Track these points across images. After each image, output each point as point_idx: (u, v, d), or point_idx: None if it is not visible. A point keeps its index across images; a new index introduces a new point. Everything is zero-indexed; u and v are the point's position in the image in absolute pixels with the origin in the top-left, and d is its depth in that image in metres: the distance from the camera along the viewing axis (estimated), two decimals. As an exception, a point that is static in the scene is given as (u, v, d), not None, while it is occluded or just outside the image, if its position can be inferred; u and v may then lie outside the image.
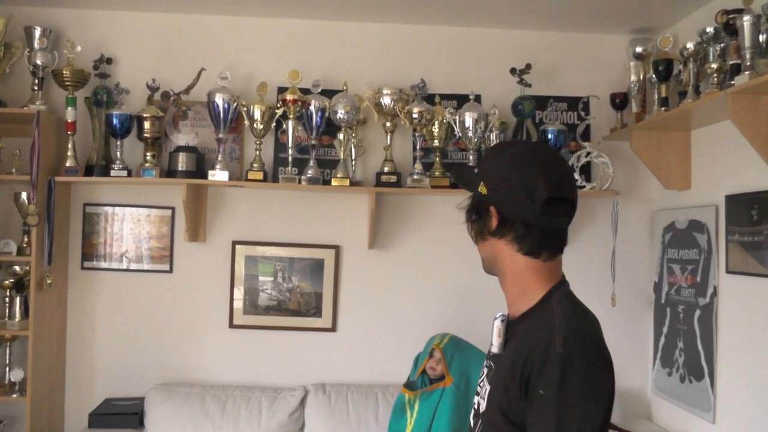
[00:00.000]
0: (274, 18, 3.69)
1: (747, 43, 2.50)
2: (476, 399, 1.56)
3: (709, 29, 2.81)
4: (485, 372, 1.56)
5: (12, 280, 3.37)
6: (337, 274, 3.69)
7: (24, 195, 3.31)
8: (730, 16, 2.65)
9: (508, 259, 1.52)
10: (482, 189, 1.51)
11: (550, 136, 3.49)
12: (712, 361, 3.08)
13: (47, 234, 3.32)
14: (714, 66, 2.75)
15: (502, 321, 1.54)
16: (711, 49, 2.81)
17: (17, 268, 3.40)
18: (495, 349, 1.52)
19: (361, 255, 3.69)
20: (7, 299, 3.39)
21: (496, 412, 1.42)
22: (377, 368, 3.59)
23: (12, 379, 3.31)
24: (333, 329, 3.68)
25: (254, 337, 3.66)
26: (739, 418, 2.91)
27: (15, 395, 3.27)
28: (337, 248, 3.69)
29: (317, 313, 3.67)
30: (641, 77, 3.44)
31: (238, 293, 3.65)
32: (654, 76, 3.22)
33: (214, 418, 3.38)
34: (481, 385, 1.56)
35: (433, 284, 3.69)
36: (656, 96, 3.24)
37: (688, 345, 3.28)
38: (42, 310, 3.33)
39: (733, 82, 2.57)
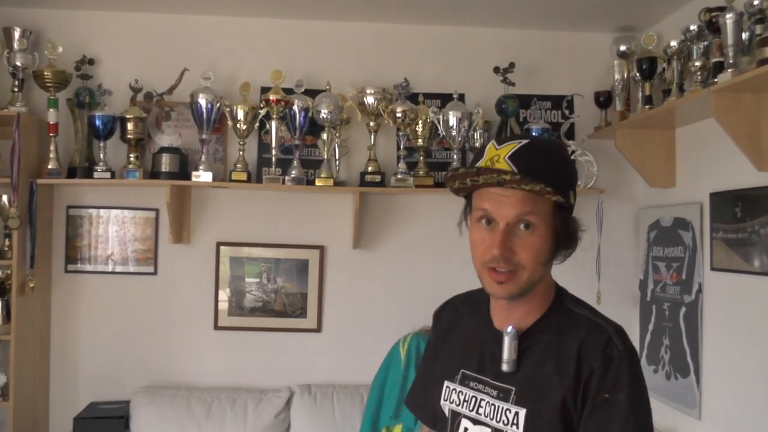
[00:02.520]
0: (256, 18, 3.66)
1: (730, 40, 2.50)
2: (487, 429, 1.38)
3: (693, 27, 2.81)
4: (492, 395, 1.38)
5: (-7, 284, 3.34)
6: (322, 275, 3.68)
7: (5, 198, 3.28)
8: (713, 14, 2.64)
9: (549, 269, 1.41)
10: (572, 199, 1.37)
11: (534, 134, 3.49)
12: (697, 358, 3.08)
13: (29, 237, 3.28)
14: (697, 64, 2.75)
15: (515, 336, 1.37)
16: (694, 47, 2.81)
17: (-1, 271, 3.37)
18: (508, 368, 1.36)
19: (346, 255, 3.68)
20: (-12, 303, 3.36)
21: None
22: (362, 368, 3.57)
23: (-6, 384, 3.28)
24: (318, 330, 3.67)
25: (239, 339, 3.64)
26: (724, 414, 2.92)
27: (-3, 400, 3.25)
28: (321, 248, 3.68)
29: (302, 313, 3.65)
30: (625, 75, 3.44)
31: (224, 295, 3.63)
32: (638, 74, 3.21)
33: (200, 421, 3.37)
34: (488, 415, 1.38)
35: (418, 284, 3.68)
36: (640, 94, 3.24)
37: (673, 342, 3.29)
38: (24, 314, 3.30)
39: (716, 80, 2.57)
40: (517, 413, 1.33)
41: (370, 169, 3.46)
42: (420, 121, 3.46)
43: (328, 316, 3.69)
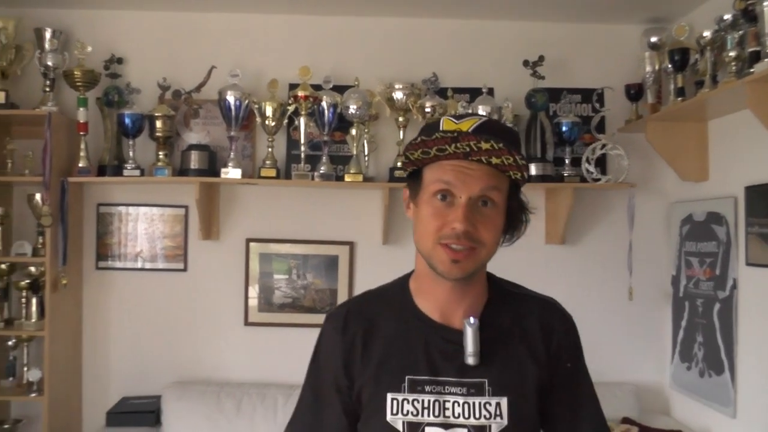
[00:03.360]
0: (283, 14, 3.66)
1: (767, 29, 2.45)
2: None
3: (727, 16, 2.75)
4: (460, 394, 1.30)
5: (28, 281, 3.38)
6: (352, 271, 3.67)
7: (38, 196, 3.32)
8: (749, 2, 2.59)
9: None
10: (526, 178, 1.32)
11: (564, 128, 3.46)
12: (732, 355, 3.03)
13: (61, 235, 3.32)
14: (732, 54, 2.70)
15: (478, 326, 1.30)
16: (729, 37, 2.75)
17: (32, 269, 3.41)
18: (474, 361, 1.29)
19: (376, 251, 3.67)
20: (23, 300, 3.40)
21: (535, 422, 1.33)
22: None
23: (30, 379, 3.32)
24: (348, 326, 3.66)
25: (269, 335, 3.65)
26: (760, 412, 2.87)
27: (33, 395, 3.29)
28: (351, 244, 3.67)
29: (332, 309, 3.65)
30: (656, 67, 3.39)
31: (253, 291, 3.64)
32: (670, 66, 3.16)
33: (230, 416, 3.38)
34: (461, 414, 1.29)
35: (448, 279, 3.66)
36: (672, 86, 3.19)
37: (707, 339, 3.24)
38: (58, 310, 3.34)
39: (752, 70, 2.51)
40: (498, 404, 1.29)
41: (399, 164, 3.45)
42: (449, 116, 3.43)
43: (357, 312, 3.68)
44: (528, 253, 3.65)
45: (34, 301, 3.36)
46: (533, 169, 3.44)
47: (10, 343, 3.41)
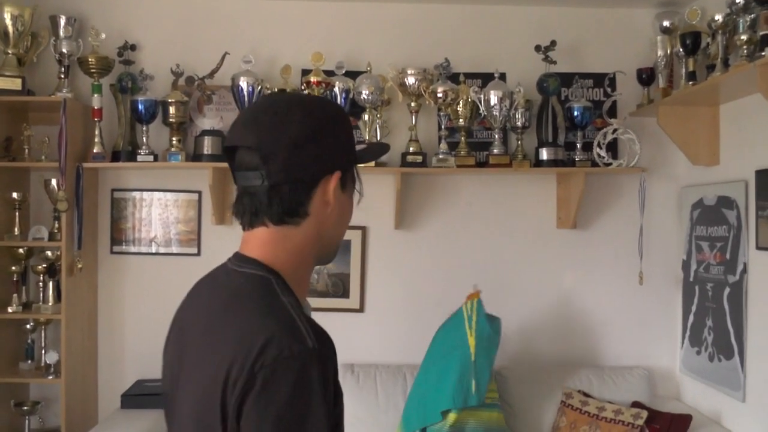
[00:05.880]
0: (296, 0, 3.68)
1: (778, 13, 2.45)
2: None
3: (739, 0, 2.75)
4: None
5: (44, 265, 3.44)
6: (364, 255, 3.70)
7: (54, 182, 3.36)
8: (761, -15, 2.59)
9: None
10: None
11: (575, 113, 3.46)
12: (742, 339, 3.04)
13: (76, 219, 3.37)
14: (743, 37, 2.69)
15: None
16: (740, 20, 2.74)
17: (49, 253, 3.46)
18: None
19: (388, 235, 3.69)
20: (40, 284, 3.47)
21: None
22: (405, 348, 3.60)
23: (47, 362, 3.38)
24: (361, 310, 3.70)
25: (282, 319, 3.68)
26: (770, 395, 2.89)
27: (50, 377, 3.35)
28: (363, 229, 3.70)
29: (345, 294, 3.69)
30: (668, 52, 3.38)
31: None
32: (681, 50, 3.16)
33: (244, 399, 3.42)
34: None
35: (460, 263, 3.69)
36: (684, 70, 3.18)
37: (717, 323, 3.25)
38: (74, 294, 3.39)
39: (763, 54, 2.51)
40: None
41: (411, 149, 3.47)
42: (461, 101, 3.45)
43: (370, 296, 3.72)
44: (539, 238, 3.68)
45: (51, 284, 3.43)
46: (544, 154, 3.46)
47: (28, 326, 3.47)
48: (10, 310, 3.35)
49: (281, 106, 1.27)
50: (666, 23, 3.47)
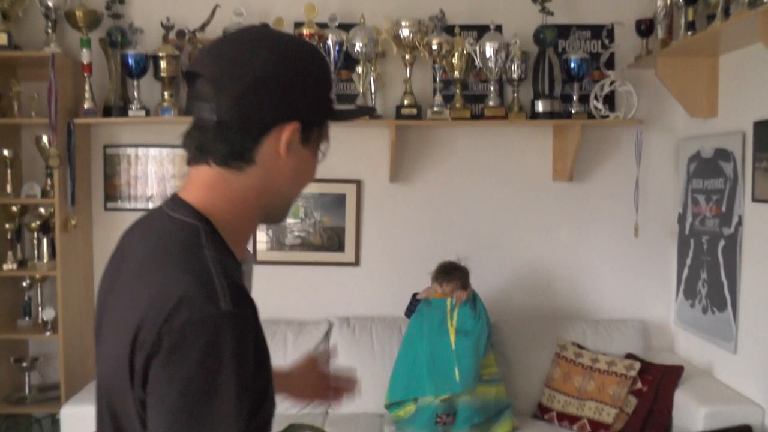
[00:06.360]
0: (287, -50, 3.60)
1: (780, -39, 2.40)
2: None
3: (740, -52, 2.69)
4: None
5: (38, 222, 3.43)
6: (359, 209, 3.70)
7: (45, 138, 3.33)
8: (763, -68, 2.52)
9: None
10: None
11: (572, 65, 3.42)
12: (735, 292, 3.06)
13: (69, 176, 3.35)
14: (745, -14, 2.64)
15: None
16: (741, -31, 2.69)
17: (42, 210, 3.45)
18: None
19: (383, 189, 3.68)
20: (35, 241, 3.46)
21: None
22: (400, 301, 3.60)
23: (45, 318, 3.40)
24: (356, 263, 3.71)
25: (278, 273, 3.69)
26: (760, 347, 2.91)
27: (48, 333, 3.37)
28: (358, 182, 3.69)
29: (340, 247, 3.69)
30: (668, 2, 3.32)
31: (262, 234, 3.68)
32: (681, -1, 3.10)
33: (241, 353, 3.45)
34: None
35: (455, 216, 3.69)
36: (683, 20, 3.13)
37: (711, 276, 3.26)
38: (68, 250, 3.39)
39: (765, 1, 2.46)
40: None
41: (406, 102, 3.43)
42: (456, 54, 3.40)
43: (365, 249, 3.72)
44: (535, 191, 3.67)
45: (45, 241, 3.42)
46: (540, 106, 3.42)
47: (24, 283, 3.48)
48: (5, 267, 3.36)
49: (250, 39, 1.16)
50: (666, -29, 3.40)
